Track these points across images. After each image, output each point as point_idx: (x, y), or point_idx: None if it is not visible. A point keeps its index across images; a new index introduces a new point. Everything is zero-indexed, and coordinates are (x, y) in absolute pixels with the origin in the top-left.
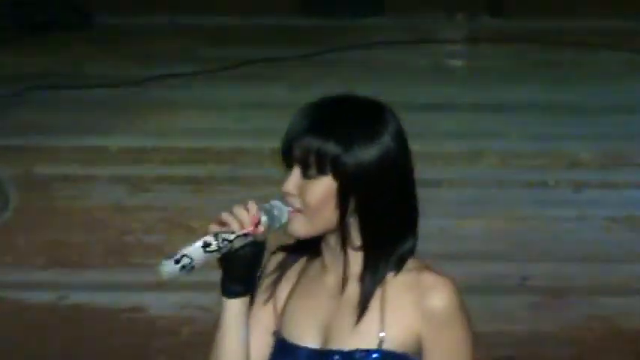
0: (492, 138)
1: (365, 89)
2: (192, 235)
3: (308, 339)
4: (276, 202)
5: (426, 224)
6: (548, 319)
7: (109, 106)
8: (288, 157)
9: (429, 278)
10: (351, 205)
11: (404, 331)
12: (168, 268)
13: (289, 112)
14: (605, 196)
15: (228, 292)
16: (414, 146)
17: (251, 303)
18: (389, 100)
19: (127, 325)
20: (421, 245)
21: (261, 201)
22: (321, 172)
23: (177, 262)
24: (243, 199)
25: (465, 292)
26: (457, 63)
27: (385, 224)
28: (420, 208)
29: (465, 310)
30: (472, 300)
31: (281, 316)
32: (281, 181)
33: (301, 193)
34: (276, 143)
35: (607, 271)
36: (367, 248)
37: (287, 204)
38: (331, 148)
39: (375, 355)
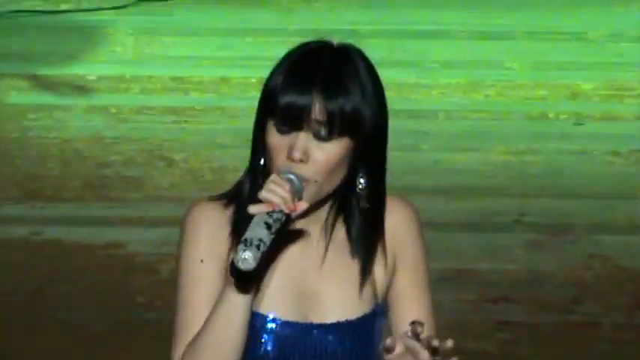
0: (490, 67)
1: (357, 15)
2: (173, 169)
3: (286, 312)
4: (289, 173)
5: (420, 157)
6: (546, 258)
7: (86, 32)
8: (298, 120)
9: (388, 203)
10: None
11: (386, 272)
12: (253, 254)
13: (275, 38)
14: (608, 129)
15: (248, 283)
16: (410, 76)
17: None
18: (383, 27)
19: (104, 262)
20: (415, 179)
21: None
22: (342, 133)
23: (257, 248)
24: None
25: (459, 228)
26: None
27: (384, 168)
28: (415, 141)
29: (422, 226)
30: (466, 237)
31: None
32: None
33: (312, 157)
34: (261, 72)
35: (608, 208)
36: (373, 207)
37: (295, 173)
38: (354, 107)
39: (379, 317)
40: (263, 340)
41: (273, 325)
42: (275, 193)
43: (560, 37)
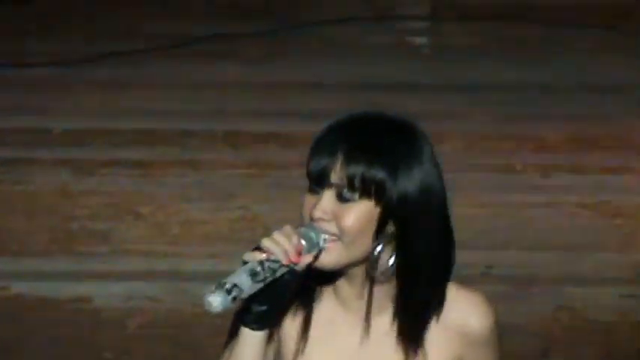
0: (456, 119)
1: (322, 68)
2: (140, 222)
3: None
4: (311, 227)
5: None
6: (513, 310)
7: (51, 85)
8: (322, 179)
9: (465, 298)
10: (390, 231)
11: None
12: (221, 299)
13: (242, 91)
14: (575, 181)
15: (255, 323)
16: None
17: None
18: (349, 80)
19: (70, 317)
20: None
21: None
22: (364, 196)
23: (228, 292)
24: (279, 225)
25: None
26: (419, 40)
27: (424, 252)
28: None
29: (497, 326)
30: None
31: None
32: (238, 165)
33: (336, 217)
34: (226, 126)
35: (575, 260)
36: (404, 281)
37: (321, 230)
38: (377, 172)
39: None
40: None
41: None
42: (275, 243)
43: (525, 89)
